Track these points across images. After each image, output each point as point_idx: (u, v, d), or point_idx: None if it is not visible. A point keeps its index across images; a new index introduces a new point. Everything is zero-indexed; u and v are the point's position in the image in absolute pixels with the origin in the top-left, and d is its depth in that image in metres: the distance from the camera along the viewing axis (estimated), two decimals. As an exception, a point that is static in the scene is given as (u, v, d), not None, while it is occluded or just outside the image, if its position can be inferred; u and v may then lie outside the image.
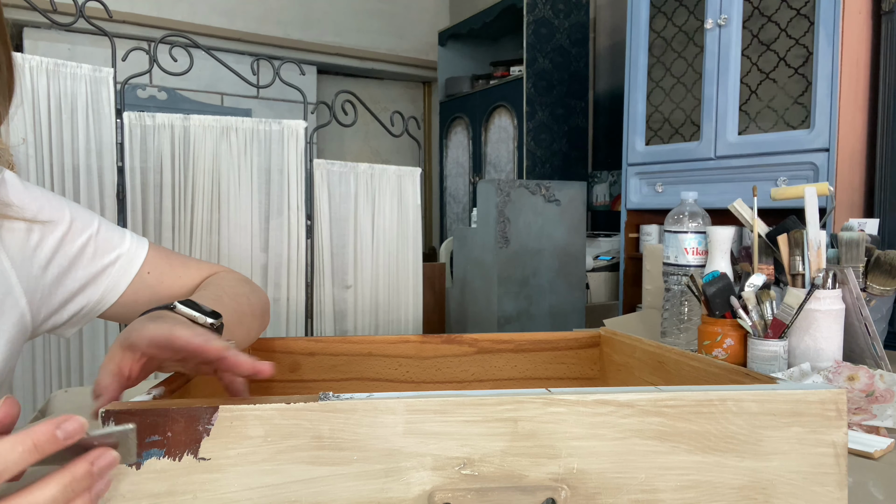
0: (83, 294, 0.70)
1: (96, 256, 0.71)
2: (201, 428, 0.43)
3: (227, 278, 0.79)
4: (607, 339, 0.87)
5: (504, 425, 0.45)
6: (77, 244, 0.69)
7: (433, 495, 0.44)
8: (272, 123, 1.77)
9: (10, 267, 0.63)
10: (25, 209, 0.66)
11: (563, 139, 3.51)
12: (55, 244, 0.68)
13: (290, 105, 3.83)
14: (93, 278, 0.71)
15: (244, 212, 1.73)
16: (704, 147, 2.30)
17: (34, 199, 0.67)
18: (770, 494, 0.47)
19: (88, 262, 0.70)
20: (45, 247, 0.67)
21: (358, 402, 0.44)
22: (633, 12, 2.55)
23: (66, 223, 0.69)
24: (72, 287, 0.69)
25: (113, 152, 1.59)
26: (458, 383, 0.87)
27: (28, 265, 0.65)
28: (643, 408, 0.46)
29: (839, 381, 0.93)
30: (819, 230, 1.07)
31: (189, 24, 3.60)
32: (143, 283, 0.74)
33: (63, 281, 0.69)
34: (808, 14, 2.00)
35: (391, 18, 4.37)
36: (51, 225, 0.68)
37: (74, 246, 0.69)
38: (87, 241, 0.70)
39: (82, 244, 0.70)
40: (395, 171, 1.96)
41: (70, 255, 0.69)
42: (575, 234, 2.50)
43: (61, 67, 1.50)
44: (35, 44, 3.29)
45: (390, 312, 1.98)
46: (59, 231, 0.68)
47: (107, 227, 0.73)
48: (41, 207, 0.67)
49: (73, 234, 0.69)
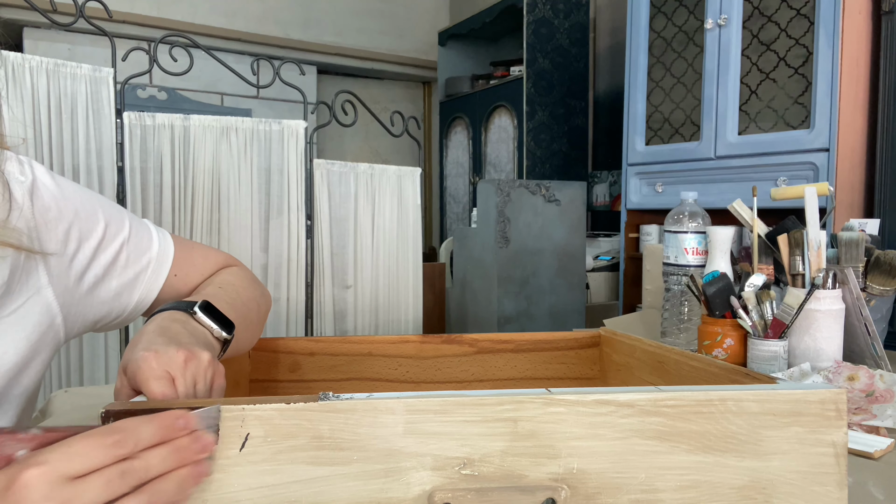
0: (117, 303, 0.68)
1: (129, 264, 0.68)
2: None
3: (241, 277, 0.78)
4: (607, 339, 0.87)
5: (504, 425, 0.45)
6: (111, 252, 0.66)
7: (433, 495, 0.44)
8: (272, 123, 1.77)
9: (47, 283, 0.60)
10: (63, 214, 0.62)
11: (563, 139, 3.51)
12: (90, 253, 0.65)
13: (290, 105, 3.83)
14: (126, 287, 0.68)
15: (244, 212, 1.73)
16: (704, 147, 2.30)
17: (69, 200, 0.63)
18: (770, 494, 0.47)
19: (122, 271, 0.67)
20: (82, 256, 0.64)
21: (358, 403, 0.44)
22: (633, 12, 2.55)
23: (101, 229, 0.65)
24: (105, 297, 0.67)
25: (113, 152, 1.59)
26: (457, 383, 0.87)
27: (65, 278, 0.62)
28: (643, 408, 0.46)
29: (839, 381, 0.93)
30: (819, 230, 1.07)
31: (189, 24, 3.61)
32: (171, 286, 0.72)
33: (96, 291, 0.66)
34: (808, 14, 2.00)
35: (391, 18, 4.37)
36: (87, 231, 0.64)
37: (108, 254, 0.66)
38: (121, 249, 0.67)
39: (116, 251, 0.67)
40: (395, 171, 1.96)
41: (105, 263, 0.66)
42: (575, 234, 2.50)
43: (61, 67, 1.50)
44: (35, 44, 3.29)
45: (390, 312, 1.98)
46: (94, 238, 0.65)
47: (136, 228, 0.70)
48: (77, 211, 0.63)
49: (108, 240, 0.66)
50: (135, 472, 0.39)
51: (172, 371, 0.52)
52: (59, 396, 0.96)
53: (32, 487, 0.35)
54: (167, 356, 0.53)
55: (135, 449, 0.39)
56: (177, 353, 0.53)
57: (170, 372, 0.52)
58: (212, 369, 0.56)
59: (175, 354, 0.53)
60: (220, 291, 0.71)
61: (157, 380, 0.51)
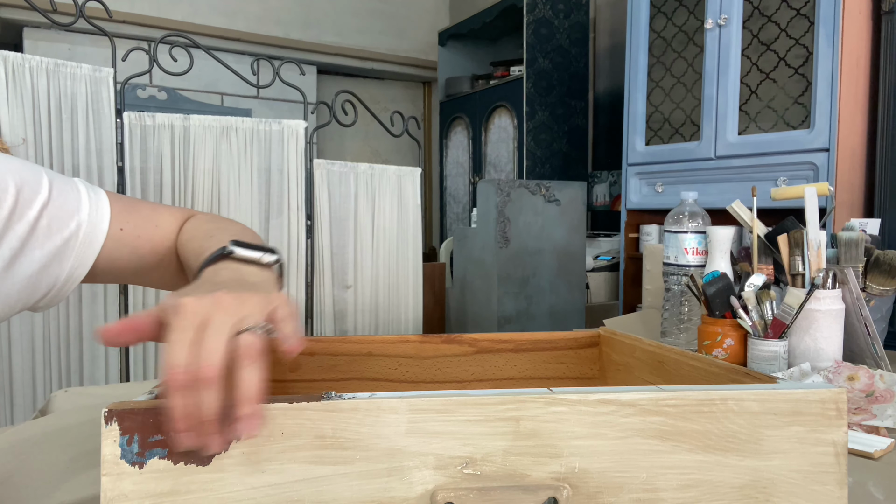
0: (45, 275, 0.60)
1: (52, 231, 0.60)
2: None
3: (213, 219, 0.70)
4: (607, 339, 0.87)
5: (506, 425, 0.45)
6: (28, 219, 0.58)
7: (435, 494, 0.44)
8: (272, 123, 1.77)
9: None
10: None
11: (563, 139, 3.51)
12: (2, 224, 0.57)
13: (290, 105, 3.83)
14: (54, 256, 0.60)
15: (244, 212, 1.73)
16: (704, 147, 2.30)
17: None
18: (770, 493, 0.47)
19: (44, 239, 0.59)
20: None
21: (360, 402, 0.44)
22: (633, 12, 2.55)
23: (13, 195, 0.57)
24: (28, 271, 0.59)
25: (113, 152, 1.59)
26: (458, 383, 0.87)
27: None
28: (645, 407, 0.46)
29: (839, 381, 0.93)
30: (819, 230, 1.07)
31: (189, 24, 3.61)
32: (118, 242, 0.64)
33: (16, 267, 0.58)
34: (808, 14, 2.00)
35: (391, 18, 4.37)
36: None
37: (25, 222, 0.58)
38: (40, 214, 0.59)
39: (34, 218, 0.59)
40: (395, 171, 1.96)
41: (21, 234, 0.58)
42: (575, 234, 2.50)
43: (61, 67, 1.50)
44: (35, 44, 3.29)
45: (390, 312, 1.98)
46: (5, 207, 0.57)
47: (59, 188, 0.61)
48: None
49: (22, 206, 0.58)
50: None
51: (207, 324, 0.41)
52: (59, 396, 0.96)
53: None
54: (208, 300, 0.43)
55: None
56: (225, 296, 0.44)
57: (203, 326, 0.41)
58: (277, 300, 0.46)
59: (221, 299, 0.43)
60: (224, 231, 0.62)
61: (177, 341, 0.40)
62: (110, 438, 0.43)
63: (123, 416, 0.43)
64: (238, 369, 0.41)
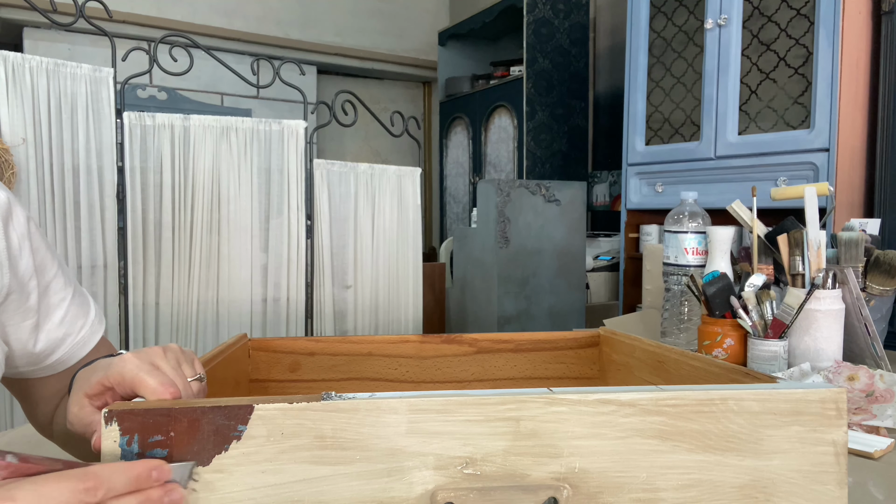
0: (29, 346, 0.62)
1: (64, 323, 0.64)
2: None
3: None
4: (607, 339, 0.87)
5: (506, 425, 0.45)
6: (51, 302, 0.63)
7: (436, 494, 0.45)
8: (272, 123, 1.77)
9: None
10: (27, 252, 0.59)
11: (563, 139, 3.51)
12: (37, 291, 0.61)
13: (290, 105, 3.83)
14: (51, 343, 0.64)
15: (244, 212, 1.73)
16: (704, 147, 2.30)
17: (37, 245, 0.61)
18: (771, 493, 0.47)
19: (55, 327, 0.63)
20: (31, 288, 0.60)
21: (361, 402, 0.44)
22: (633, 12, 2.55)
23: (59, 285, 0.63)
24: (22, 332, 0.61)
25: (113, 152, 1.59)
26: (457, 383, 0.87)
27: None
28: (644, 407, 0.46)
29: (839, 381, 0.93)
30: (819, 230, 1.07)
31: (189, 24, 3.60)
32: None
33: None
34: (808, 14, 2.00)
35: (391, 18, 4.37)
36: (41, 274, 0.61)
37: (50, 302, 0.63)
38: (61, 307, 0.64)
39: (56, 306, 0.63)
40: (395, 171, 1.96)
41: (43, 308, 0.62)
42: (575, 234, 2.50)
43: (61, 67, 1.50)
44: (35, 44, 3.29)
45: (390, 312, 1.98)
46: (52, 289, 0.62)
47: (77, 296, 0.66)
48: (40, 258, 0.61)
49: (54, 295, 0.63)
50: None
51: (155, 361, 0.53)
52: (59, 396, 0.96)
53: None
54: (143, 353, 0.54)
55: (105, 497, 0.39)
56: (150, 349, 0.54)
57: (153, 362, 0.52)
58: (188, 353, 0.57)
59: (149, 350, 0.54)
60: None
61: (147, 372, 0.51)
62: (110, 438, 0.43)
63: (123, 416, 0.43)
64: None
